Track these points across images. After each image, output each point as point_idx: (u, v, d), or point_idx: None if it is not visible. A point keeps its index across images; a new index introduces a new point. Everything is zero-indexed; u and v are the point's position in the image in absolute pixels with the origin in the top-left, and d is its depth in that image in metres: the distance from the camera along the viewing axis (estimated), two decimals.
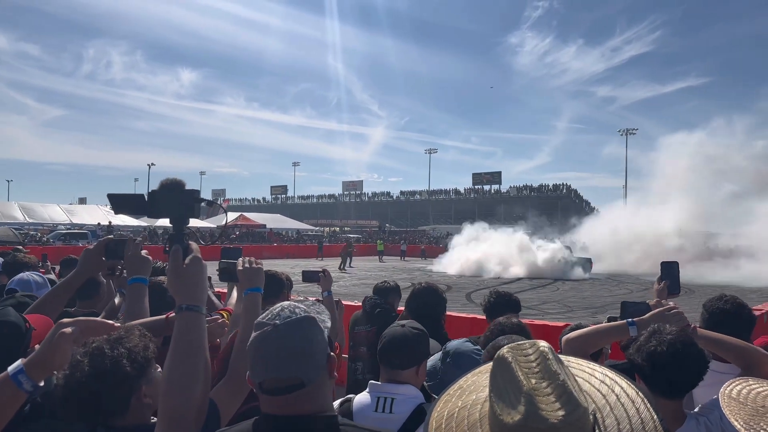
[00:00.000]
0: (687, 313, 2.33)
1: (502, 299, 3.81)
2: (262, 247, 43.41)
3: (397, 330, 2.41)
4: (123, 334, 1.68)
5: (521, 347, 1.08)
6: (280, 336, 1.39)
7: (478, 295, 19.88)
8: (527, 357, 1.05)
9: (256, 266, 2.07)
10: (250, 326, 1.88)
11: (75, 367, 1.59)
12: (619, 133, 76.30)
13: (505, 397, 1.02)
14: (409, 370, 2.35)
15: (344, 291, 19.99)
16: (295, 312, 1.44)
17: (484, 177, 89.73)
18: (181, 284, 1.64)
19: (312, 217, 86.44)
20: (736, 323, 2.75)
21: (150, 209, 1.81)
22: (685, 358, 2.02)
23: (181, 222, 1.80)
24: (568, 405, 0.97)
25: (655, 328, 2.17)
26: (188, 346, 1.55)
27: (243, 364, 1.82)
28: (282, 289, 4.16)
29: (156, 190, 1.80)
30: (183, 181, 1.81)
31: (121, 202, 1.88)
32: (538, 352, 1.06)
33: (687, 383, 2.04)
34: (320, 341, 1.44)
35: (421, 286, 3.78)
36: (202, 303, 1.64)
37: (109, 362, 1.59)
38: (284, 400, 1.39)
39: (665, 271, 3.05)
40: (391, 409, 2.22)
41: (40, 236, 38.48)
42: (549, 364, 1.03)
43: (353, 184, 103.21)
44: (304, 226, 66.85)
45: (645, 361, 2.06)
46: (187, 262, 1.67)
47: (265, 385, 1.39)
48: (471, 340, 2.68)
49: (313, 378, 1.40)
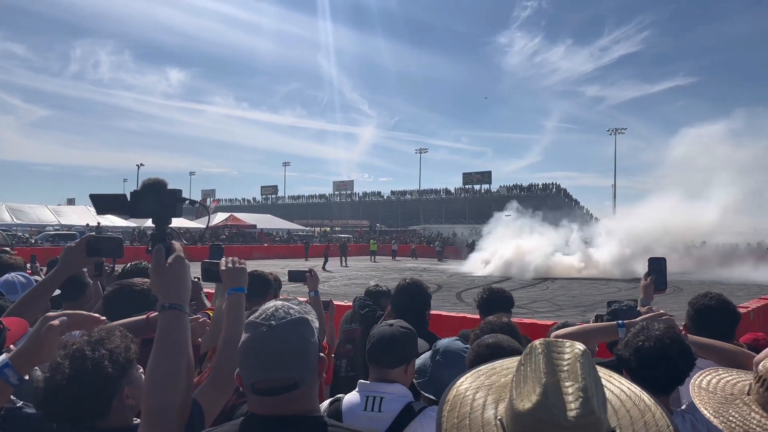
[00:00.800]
0: (675, 312, 2.35)
1: (495, 296, 3.83)
2: (252, 248, 43.28)
3: (385, 329, 2.42)
4: (104, 335, 1.68)
5: (558, 344, 1.08)
6: (276, 337, 1.39)
7: (468, 294, 19.94)
8: (561, 354, 1.05)
9: (239, 266, 2.06)
10: (234, 326, 1.88)
11: (56, 369, 1.58)
12: (608, 132, 76.70)
13: (525, 383, 1.03)
14: (398, 369, 2.35)
15: (335, 291, 19.98)
16: (289, 313, 1.45)
17: (474, 177, 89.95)
18: (163, 283, 1.63)
19: (303, 218, 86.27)
20: (721, 319, 2.79)
21: (133, 209, 1.79)
22: (671, 354, 2.04)
23: (163, 221, 1.78)
24: (582, 409, 0.97)
25: (643, 325, 2.18)
26: (171, 345, 1.54)
27: (227, 364, 1.81)
28: (269, 289, 4.15)
29: (138, 190, 1.79)
30: (165, 180, 1.80)
31: (103, 202, 1.87)
32: (573, 352, 1.05)
33: (673, 379, 2.06)
34: (313, 342, 1.45)
35: (406, 282, 3.79)
36: (184, 302, 1.63)
37: (91, 364, 1.58)
38: (275, 401, 1.39)
39: (653, 266, 3.07)
40: (380, 408, 2.22)
41: (28, 237, 38.15)
42: (579, 366, 1.02)
43: (344, 184, 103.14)
44: (295, 226, 66.72)
45: (632, 356, 2.07)
46: (170, 261, 1.66)
47: (258, 385, 1.39)
48: (462, 338, 2.68)
49: (307, 379, 1.41)
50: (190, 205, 1.99)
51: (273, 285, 4.30)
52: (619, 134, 75.37)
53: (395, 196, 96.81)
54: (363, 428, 1.58)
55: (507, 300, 3.83)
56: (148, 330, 2.13)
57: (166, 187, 1.79)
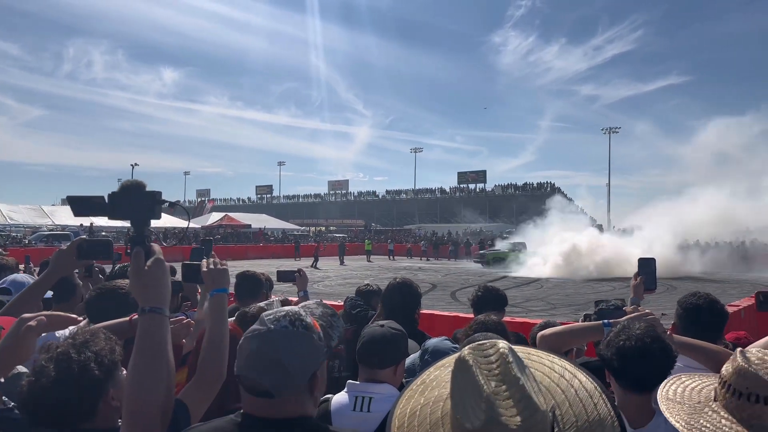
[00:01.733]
0: (668, 310, 2.37)
1: (489, 294, 3.87)
2: (247, 247, 43.21)
3: (376, 330, 2.43)
4: (89, 338, 1.67)
5: (482, 347, 1.08)
6: (267, 342, 1.41)
7: (463, 293, 19.98)
8: (488, 358, 1.06)
9: (220, 267, 2.06)
10: (217, 327, 1.91)
11: (40, 372, 1.58)
12: (602, 131, 76.82)
13: (466, 400, 1.03)
14: (387, 370, 2.37)
15: (329, 291, 19.97)
16: (294, 323, 1.44)
17: (469, 176, 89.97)
18: (143, 286, 1.63)
19: (298, 217, 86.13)
20: (709, 318, 2.82)
21: (111, 211, 1.78)
22: (652, 353, 2.06)
23: (142, 224, 1.78)
24: (527, 410, 0.98)
25: (624, 324, 2.20)
26: (151, 348, 1.54)
27: (211, 364, 1.84)
28: (261, 290, 4.16)
29: (116, 192, 1.79)
30: (144, 182, 1.80)
31: (80, 204, 1.85)
32: (498, 353, 1.06)
33: (655, 377, 2.07)
34: (306, 361, 1.44)
35: (396, 281, 3.81)
36: (165, 305, 1.63)
37: (77, 367, 1.58)
38: (256, 401, 1.42)
39: (642, 267, 3.12)
40: (368, 408, 2.23)
41: (22, 238, 38.00)
42: (509, 367, 1.03)
43: (339, 184, 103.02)
44: (290, 225, 66.60)
45: (614, 355, 2.09)
46: (149, 264, 1.65)
47: (243, 380, 1.43)
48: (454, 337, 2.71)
49: (283, 392, 1.40)
50: (169, 207, 1.98)
51: (265, 285, 4.31)
52: (613, 133, 75.55)
53: (390, 195, 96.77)
54: (350, 429, 1.58)
55: (501, 298, 3.88)
56: (131, 332, 2.14)
57: (144, 189, 1.79)
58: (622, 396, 2.11)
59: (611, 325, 2.33)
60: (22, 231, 41.00)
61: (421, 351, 2.53)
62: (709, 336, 2.69)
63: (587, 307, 17.41)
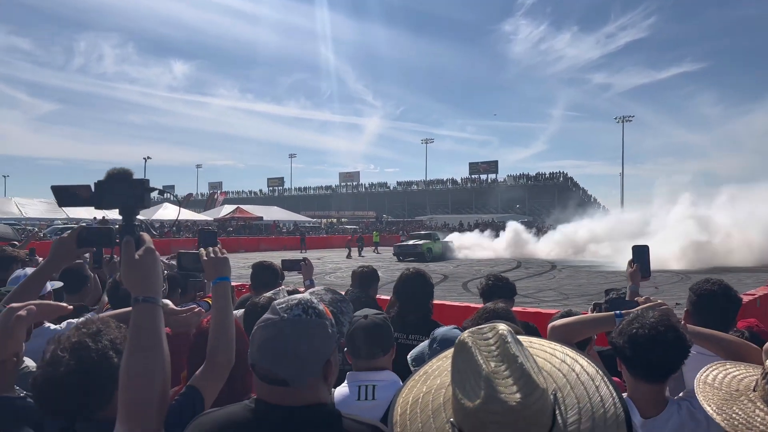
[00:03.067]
0: (682, 299, 2.33)
1: (498, 284, 3.87)
2: (259, 239, 43.42)
3: (365, 321, 2.44)
4: (101, 327, 1.68)
5: (481, 331, 1.10)
6: (280, 330, 1.41)
7: (475, 284, 19.94)
8: (487, 340, 1.07)
9: (221, 256, 2.06)
10: (222, 315, 1.91)
11: (57, 363, 1.57)
12: (616, 120, 76.12)
13: (466, 381, 1.03)
14: (386, 356, 2.42)
15: (340, 282, 20.02)
16: (307, 311, 1.45)
17: (480, 166, 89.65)
18: (135, 276, 1.60)
19: (309, 209, 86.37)
20: (724, 304, 2.78)
21: (97, 200, 1.74)
22: (666, 341, 2.02)
23: (131, 212, 1.75)
24: (526, 387, 0.99)
25: (638, 313, 2.17)
26: (146, 338, 1.52)
27: (221, 351, 1.85)
28: (277, 280, 4.18)
29: (103, 181, 1.74)
30: (131, 170, 1.76)
31: (65, 194, 1.80)
32: (497, 335, 1.07)
33: (667, 366, 2.04)
34: (320, 348, 1.44)
35: (410, 271, 3.79)
36: (157, 294, 1.61)
37: (96, 355, 1.59)
38: (272, 389, 1.42)
39: (636, 254, 3.12)
40: (373, 395, 2.24)
41: (37, 231, 38.41)
42: (508, 347, 1.04)
43: (350, 175, 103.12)
44: (302, 218, 66.81)
45: (626, 343, 2.05)
46: (140, 254, 1.63)
47: (257, 369, 1.43)
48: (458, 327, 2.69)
49: (297, 381, 1.41)
50: (160, 195, 1.96)
51: (281, 276, 4.33)
52: (626, 122, 74.84)
53: (401, 186, 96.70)
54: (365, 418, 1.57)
55: (509, 288, 3.88)
56: None
57: (131, 177, 1.75)
58: (634, 385, 2.07)
59: (623, 316, 2.29)
60: (37, 225, 41.42)
61: (430, 339, 2.52)
62: (723, 322, 2.66)
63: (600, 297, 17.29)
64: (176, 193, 73.15)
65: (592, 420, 1.05)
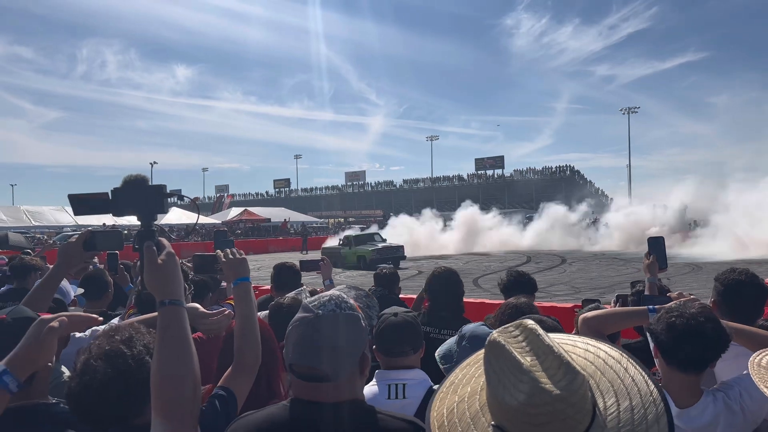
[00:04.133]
0: (695, 291, 2.32)
1: (519, 279, 3.86)
2: (267, 241, 43.49)
3: (395, 319, 2.45)
4: (133, 333, 1.69)
5: (507, 330, 1.09)
6: (317, 327, 1.43)
7: (486, 280, 19.92)
8: (516, 338, 1.07)
9: (239, 257, 2.07)
10: (246, 315, 1.94)
11: (93, 371, 1.58)
12: (621, 111, 75.74)
13: (505, 379, 1.02)
14: (415, 355, 2.42)
15: (350, 281, 20.03)
16: (340, 306, 1.48)
17: (486, 162, 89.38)
18: (159, 280, 1.61)
19: (316, 209, 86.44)
20: (752, 293, 2.75)
21: (114, 208, 1.74)
22: (705, 332, 2.00)
23: (149, 218, 1.75)
24: (569, 374, 0.99)
25: (680, 303, 2.16)
26: (175, 341, 1.53)
27: (248, 349, 1.88)
28: (299, 280, 4.20)
29: (119, 188, 1.75)
30: (146, 176, 1.77)
31: (82, 202, 1.80)
32: (526, 330, 1.07)
33: (705, 357, 2.02)
34: (356, 340, 1.48)
35: (441, 270, 3.81)
36: (181, 296, 1.62)
37: (133, 362, 1.60)
38: (312, 387, 1.43)
39: (652, 246, 3.11)
40: (404, 394, 2.24)
41: (46, 239, 38.64)
42: (541, 339, 1.04)
43: (356, 175, 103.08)
44: (309, 218, 66.87)
45: (664, 332, 2.03)
46: (162, 258, 1.64)
47: (295, 368, 1.45)
48: (486, 323, 2.69)
49: (338, 374, 1.43)
50: (178, 200, 1.96)
51: (300, 276, 4.35)
52: (632, 113, 74.44)
53: (407, 184, 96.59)
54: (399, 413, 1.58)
55: (530, 283, 3.87)
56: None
57: (147, 183, 1.76)
58: (669, 375, 2.06)
59: (657, 311, 2.28)
60: (46, 232, 41.67)
61: (458, 337, 2.52)
62: (751, 312, 2.64)
63: (612, 290, 17.26)
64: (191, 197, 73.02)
65: (629, 400, 1.06)
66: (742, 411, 1.99)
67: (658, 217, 34.78)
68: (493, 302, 7.66)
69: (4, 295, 4.44)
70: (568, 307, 6.82)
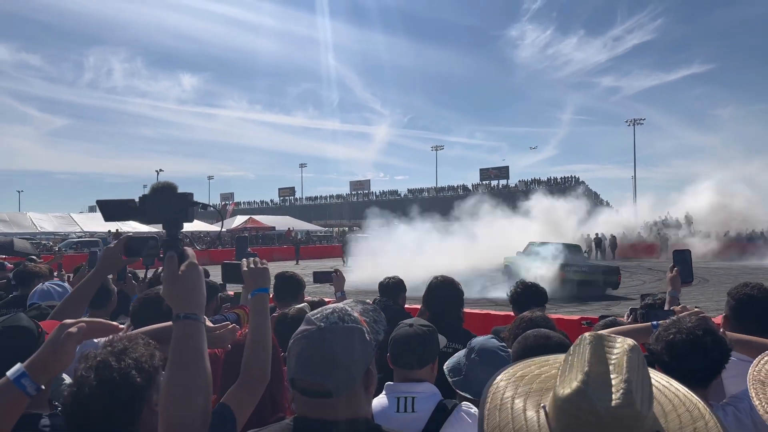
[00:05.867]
0: (701, 303, 2.28)
1: (529, 290, 3.82)
2: (272, 249, 43.53)
3: (407, 330, 2.40)
4: (127, 345, 1.65)
5: (609, 338, 1.08)
6: (320, 340, 1.37)
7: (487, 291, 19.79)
8: (611, 347, 1.05)
9: (261, 266, 2.03)
10: (259, 327, 1.88)
11: (82, 382, 1.56)
12: (626, 123, 75.78)
13: (570, 372, 1.03)
14: (425, 368, 2.36)
15: (351, 290, 19.93)
16: (344, 318, 1.41)
17: (491, 172, 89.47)
18: (177, 292, 1.57)
19: (321, 218, 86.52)
20: (764, 308, 2.71)
21: (142, 215, 1.72)
22: (705, 345, 1.97)
23: (175, 227, 1.71)
24: (623, 400, 0.96)
25: (675, 319, 2.13)
26: (188, 356, 1.49)
27: (256, 365, 1.81)
28: (301, 291, 4.14)
29: (147, 195, 1.72)
30: (175, 184, 1.73)
31: (111, 208, 1.79)
32: (623, 347, 1.05)
33: (708, 372, 1.98)
34: (361, 355, 1.40)
35: (439, 279, 3.74)
36: (200, 311, 1.57)
37: (118, 375, 1.56)
38: (315, 403, 1.37)
39: (677, 258, 3.06)
40: (413, 408, 2.20)
41: (52, 246, 38.76)
42: (626, 360, 1.02)
43: (360, 184, 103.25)
44: (314, 227, 66.95)
45: (664, 350, 2.00)
46: (183, 269, 1.59)
47: (297, 383, 1.38)
48: (495, 335, 2.64)
49: (342, 390, 1.36)
50: (202, 209, 1.93)
51: (303, 286, 4.30)
52: (637, 125, 74.45)
53: (412, 194, 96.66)
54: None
55: (541, 294, 3.83)
56: None
57: (176, 191, 1.73)
58: None
59: (659, 326, 2.25)
60: (52, 239, 41.80)
61: (468, 349, 2.48)
62: (764, 326, 2.59)
63: (617, 301, 17.16)
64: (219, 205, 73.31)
65: None
66: (754, 425, 1.95)
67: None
68: (498, 313, 7.61)
69: (9, 302, 4.42)
70: (575, 320, 6.77)
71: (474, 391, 2.31)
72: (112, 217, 1.81)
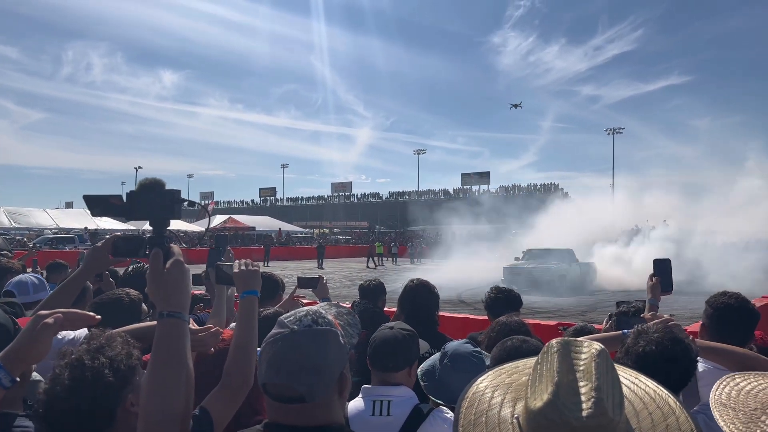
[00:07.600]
0: (677, 312, 2.30)
1: (503, 296, 3.81)
2: (251, 249, 43.22)
3: (387, 332, 2.40)
4: (104, 343, 1.61)
5: (575, 343, 1.07)
6: (293, 343, 1.34)
7: (469, 295, 19.88)
8: (578, 354, 1.04)
9: (252, 268, 2.01)
10: (246, 330, 1.86)
11: (56, 380, 1.52)
12: (606, 132, 76.77)
13: (539, 383, 1.02)
14: (402, 372, 2.34)
15: (333, 293, 19.89)
16: (317, 321, 1.39)
17: (472, 177, 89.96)
18: (161, 290, 1.55)
19: (301, 219, 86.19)
20: (741, 318, 2.74)
21: (129, 211, 1.69)
22: (674, 355, 1.99)
23: (161, 224, 1.69)
24: (594, 409, 0.95)
25: (640, 329, 2.12)
26: (169, 355, 1.46)
27: (237, 369, 1.78)
28: (278, 291, 4.10)
29: (135, 191, 1.70)
30: (163, 180, 1.71)
31: (98, 204, 1.76)
32: (590, 352, 1.04)
33: (678, 380, 2.00)
34: (335, 359, 1.38)
35: (413, 283, 3.74)
36: (184, 309, 1.55)
37: (90, 374, 1.52)
38: (287, 409, 1.34)
39: (658, 268, 3.05)
40: (388, 411, 2.19)
41: (26, 241, 38.07)
42: (594, 366, 1.01)
43: (342, 186, 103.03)
44: (294, 228, 66.68)
45: (635, 363, 2.01)
46: (168, 267, 1.57)
47: (268, 388, 1.35)
48: (471, 341, 2.64)
49: (316, 395, 1.34)
50: (189, 206, 1.90)
51: (281, 287, 4.26)
52: (617, 134, 75.48)
53: (393, 197, 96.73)
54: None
55: (515, 299, 3.83)
56: None
57: (164, 188, 1.70)
58: None
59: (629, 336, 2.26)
60: (27, 234, 41.05)
61: (441, 354, 2.48)
62: (741, 336, 2.63)
63: (594, 307, 17.34)
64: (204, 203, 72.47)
65: None
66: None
67: None
68: (477, 318, 7.64)
69: None
70: (551, 325, 6.82)
71: (446, 396, 2.30)
72: (99, 212, 1.78)
